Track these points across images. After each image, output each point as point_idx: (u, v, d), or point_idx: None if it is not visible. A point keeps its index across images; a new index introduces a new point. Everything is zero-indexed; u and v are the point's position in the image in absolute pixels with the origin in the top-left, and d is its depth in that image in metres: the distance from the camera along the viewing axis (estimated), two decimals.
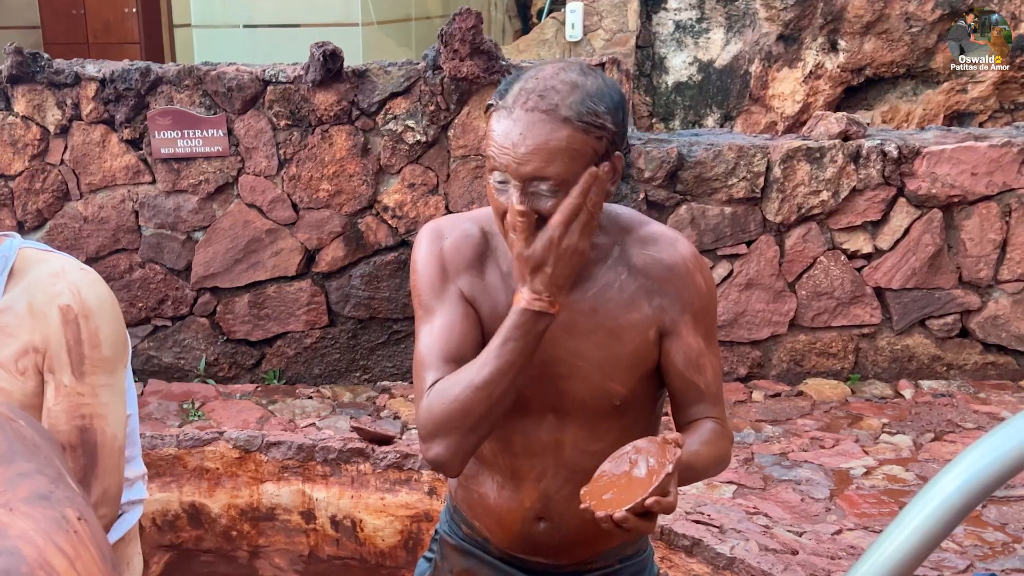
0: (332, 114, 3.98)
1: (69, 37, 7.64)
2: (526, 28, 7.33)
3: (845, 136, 4.05)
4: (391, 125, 3.99)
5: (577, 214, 1.36)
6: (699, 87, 6.27)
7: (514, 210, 1.38)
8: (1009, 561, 2.80)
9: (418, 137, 3.99)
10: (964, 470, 1.24)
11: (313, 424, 3.77)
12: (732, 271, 4.11)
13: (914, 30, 5.78)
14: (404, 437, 3.52)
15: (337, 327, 4.22)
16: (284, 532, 3.35)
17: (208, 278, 4.17)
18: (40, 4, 7.86)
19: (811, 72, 5.98)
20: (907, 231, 4.07)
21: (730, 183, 4.01)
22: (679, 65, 6.29)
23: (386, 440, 3.35)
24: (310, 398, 4.08)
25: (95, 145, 4.06)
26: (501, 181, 1.40)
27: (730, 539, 2.77)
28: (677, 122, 6.29)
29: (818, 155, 4.00)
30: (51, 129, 4.05)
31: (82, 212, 4.12)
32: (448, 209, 4.06)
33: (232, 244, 4.13)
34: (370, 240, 4.12)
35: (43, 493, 0.65)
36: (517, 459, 1.58)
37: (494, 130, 1.39)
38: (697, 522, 2.86)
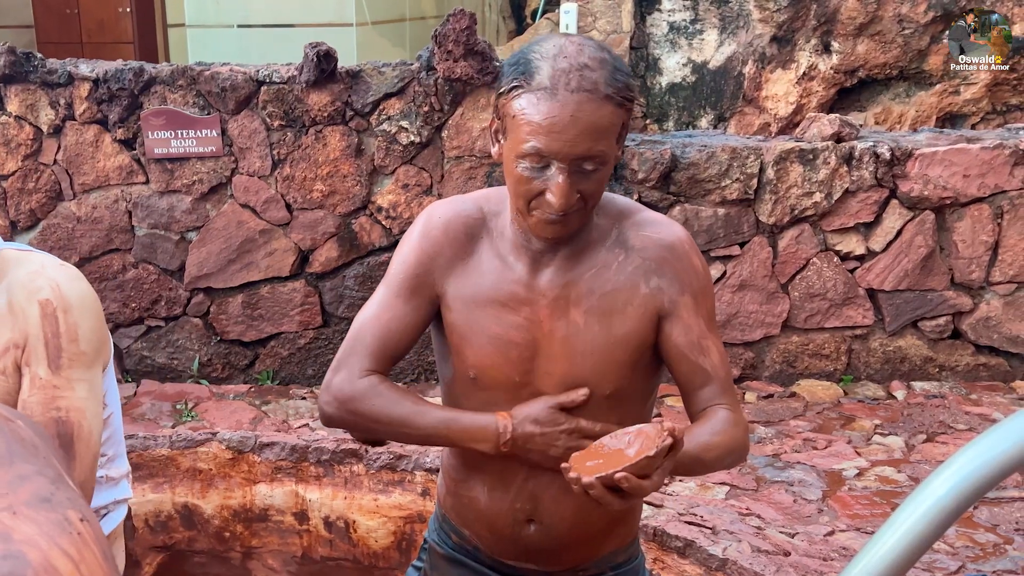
0: (326, 115, 3.98)
1: (63, 36, 7.63)
2: (520, 29, 7.34)
3: (838, 138, 4.06)
4: (385, 126, 3.99)
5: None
6: (693, 88, 6.28)
7: (562, 191, 1.37)
8: (1000, 562, 2.81)
9: (412, 138, 4.00)
10: (955, 472, 1.25)
11: (307, 425, 3.77)
12: (725, 272, 4.12)
13: (907, 32, 5.80)
14: None
15: (331, 328, 4.22)
16: (277, 533, 3.35)
17: (201, 278, 4.16)
18: (34, 3, 7.85)
19: (804, 73, 5.99)
20: (899, 233, 4.08)
21: (723, 184, 4.02)
22: (673, 66, 6.30)
23: (379, 441, 3.34)
24: (304, 399, 4.07)
25: (88, 145, 4.05)
26: (539, 166, 1.39)
27: (723, 540, 2.77)
28: (671, 123, 6.30)
29: (811, 157, 4.02)
30: (44, 129, 4.05)
31: (75, 212, 4.11)
32: None
33: (226, 244, 4.12)
34: (364, 241, 4.12)
35: (44, 496, 0.65)
36: (506, 455, 1.57)
37: (534, 114, 1.36)
38: (690, 523, 2.87)
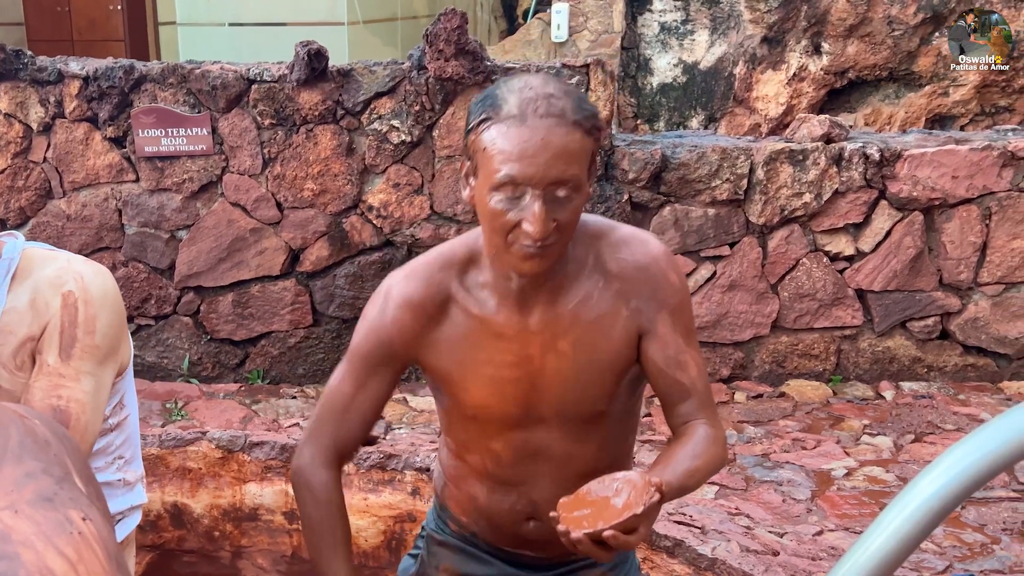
0: (317, 113, 3.98)
1: (53, 34, 7.61)
2: (512, 28, 7.35)
3: (828, 139, 4.08)
4: (376, 125, 3.99)
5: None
6: (683, 89, 6.29)
7: (538, 218, 1.37)
8: (988, 562, 2.83)
9: (403, 137, 4.00)
10: (943, 472, 1.26)
11: (297, 424, 3.77)
12: (715, 272, 4.13)
13: (896, 33, 5.82)
14: (387, 437, 3.52)
15: (321, 327, 4.22)
16: (267, 532, 3.34)
17: (192, 277, 4.16)
18: (24, 1, 7.82)
19: (795, 74, 6.01)
20: (888, 233, 4.10)
21: (713, 185, 4.03)
22: (664, 66, 6.31)
23: (369, 440, 3.34)
24: (294, 398, 4.07)
25: (78, 143, 4.04)
26: (511, 195, 1.38)
27: (712, 540, 2.78)
28: (662, 123, 6.31)
29: (801, 157, 4.03)
30: (34, 127, 4.04)
31: (65, 210, 4.10)
32: (433, 209, 4.07)
33: (216, 243, 4.12)
34: (355, 240, 4.12)
35: (47, 495, 0.65)
36: (505, 469, 1.61)
37: (505, 142, 1.37)
38: (679, 523, 2.88)
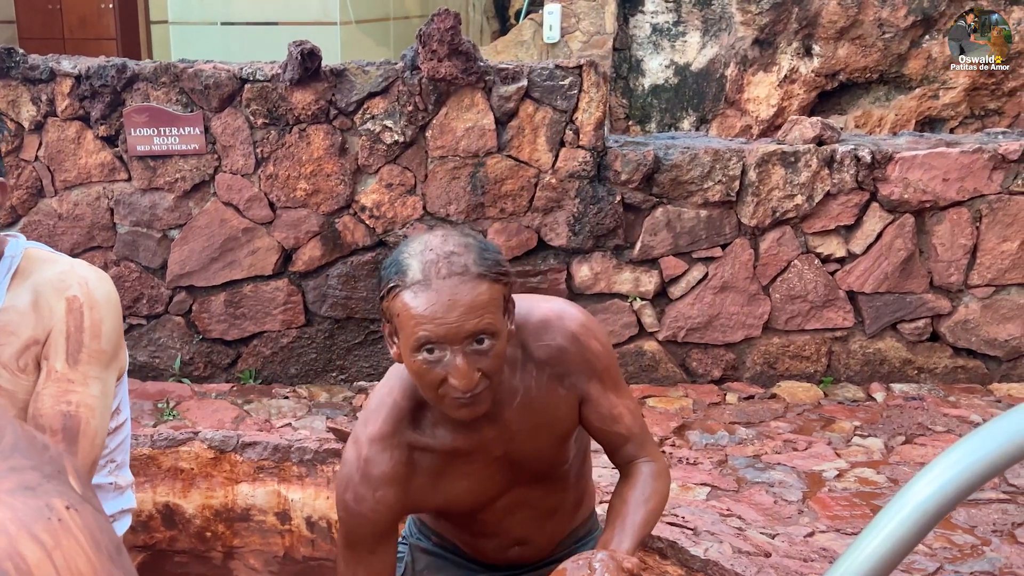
0: (310, 113, 3.97)
1: (45, 32, 7.58)
2: (504, 29, 7.35)
3: (819, 141, 4.09)
4: (369, 125, 3.99)
5: None
6: (675, 90, 6.30)
7: (462, 373, 1.40)
8: (978, 564, 2.84)
9: (396, 137, 4.00)
10: (938, 476, 1.27)
11: (289, 424, 3.77)
12: (707, 274, 4.14)
13: (887, 36, 5.84)
14: None
15: (314, 327, 4.21)
16: (259, 533, 3.34)
17: (184, 276, 4.15)
18: None
19: (786, 76, 6.03)
20: (880, 235, 4.12)
21: (706, 186, 4.04)
22: (655, 68, 6.32)
23: None
24: (286, 398, 4.07)
25: (70, 142, 4.03)
26: (432, 354, 1.41)
27: (704, 541, 2.79)
28: (653, 124, 6.32)
29: (793, 159, 4.04)
30: (26, 125, 4.02)
31: (56, 209, 4.09)
32: (425, 210, 4.07)
33: (208, 243, 4.11)
34: (347, 240, 4.12)
35: (30, 485, 0.62)
36: (487, 533, 1.75)
37: (415, 307, 1.40)
38: (671, 524, 2.89)
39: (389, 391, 1.60)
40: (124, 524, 1.78)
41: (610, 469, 2.74)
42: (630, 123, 6.36)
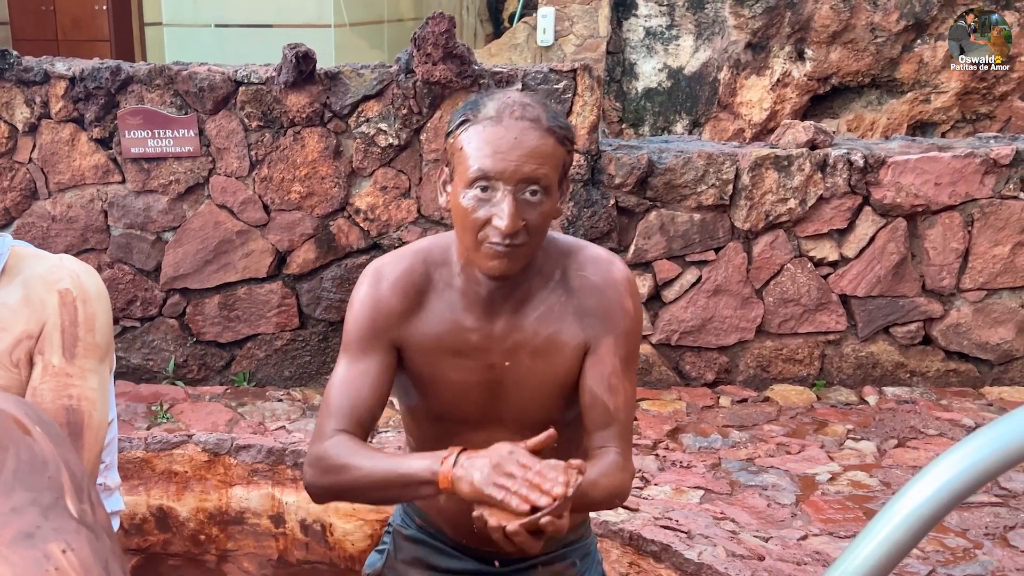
0: (304, 116, 3.98)
1: (38, 33, 7.57)
2: (498, 32, 7.36)
3: (812, 145, 4.11)
4: (363, 128, 4.00)
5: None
6: (668, 93, 6.32)
7: (508, 213, 1.42)
8: (970, 567, 2.86)
9: (390, 140, 4.00)
10: (933, 481, 1.28)
11: (283, 427, 3.77)
12: (700, 277, 4.15)
13: (879, 40, 5.87)
14: (375, 441, 3.52)
15: (308, 329, 4.22)
16: (253, 536, 3.34)
17: (178, 279, 4.15)
18: (9, 0, 7.77)
19: (778, 80, 6.05)
20: (872, 239, 4.14)
21: (699, 190, 4.06)
22: (649, 71, 6.33)
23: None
24: (280, 400, 4.07)
25: (64, 144, 4.03)
26: (485, 192, 1.45)
27: (698, 545, 2.80)
28: (646, 128, 6.34)
29: (786, 163, 4.06)
30: (19, 127, 4.02)
31: (50, 211, 4.09)
32: (420, 213, 4.07)
33: (202, 245, 4.11)
34: (342, 242, 4.12)
35: (29, 531, 0.64)
36: None
37: (479, 139, 1.45)
38: (665, 527, 2.90)
39: (425, 240, 1.65)
40: (113, 526, 1.78)
41: None
42: (623, 126, 6.37)
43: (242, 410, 3.95)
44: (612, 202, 4.04)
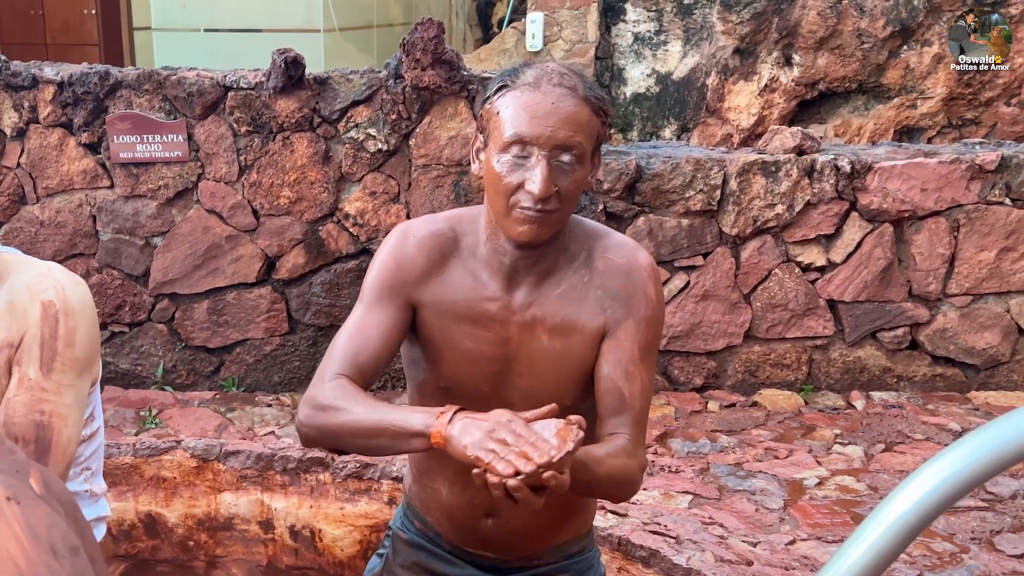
0: (293, 121, 3.98)
1: (27, 38, 7.54)
2: (487, 37, 7.37)
3: (800, 150, 4.13)
4: (353, 133, 4.00)
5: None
6: (657, 99, 6.34)
7: (541, 177, 1.43)
8: (957, 572, 2.88)
9: (380, 146, 4.01)
10: (920, 486, 1.29)
11: (272, 432, 3.77)
12: (688, 282, 4.17)
13: (866, 46, 5.90)
14: None
15: (297, 334, 4.21)
16: (242, 542, 3.33)
17: (167, 284, 4.14)
18: None
19: (766, 85, 6.08)
20: (859, 245, 4.16)
21: (687, 195, 4.07)
22: (637, 76, 6.35)
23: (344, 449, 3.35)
24: (269, 406, 4.06)
25: (52, 149, 4.02)
26: (521, 155, 1.46)
27: (686, 550, 2.81)
28: (635, 133, 6.36)
29: (773, 169, 4.08)
30: (8, 132, 4.01)
31: (39, 216, 4.07)
32: (409, 218, 4.08)
33: (191, 250, 4.11)
34: (331, 248, 4.12)
35: None
36: (461, 480, 1.63)
37: (516, 105, 1.47)
38: (654, 532, 2.91)
39: (453, 211, 1.67)
40: (99, 532, 1.77)
41: None
42: (612, 131, 6.39)
43: (231, 415, 3.95)
44: (600, 207, 4.05)
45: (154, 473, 3.35)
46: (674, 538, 2.87)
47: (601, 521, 2.93)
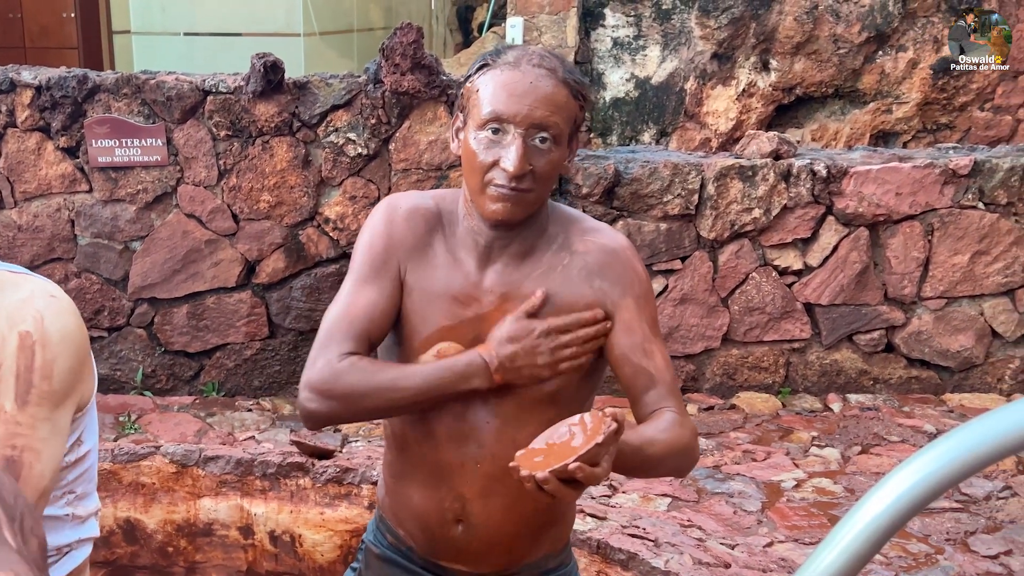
0: (273, 125, 3.98)
1: (5, 41, 7.48)
2: (467, 42, 7.38)
3: (776, 155, 4.17)
4: (332, 137, 4.01)
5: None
6: (636, 103, 6.37)
7: (516, 155, 1.45)
8: (932, 572, 2.91)
9: (359, 150, 4.01)
10: (894, 489, 1.31)
11: (252, 437, 3.76)
12: (667, 286, 4.20)
13: (842, 51, 5.95)
14: (344, 451, 3.53)
15: (277, 339, 4.21)
16: (222, 548, 3.33)
17: (146, 288, 4.13)
18: None
19: (744, 90, 6.12)
20: (835, 248, 4.20)
21: (665, 200, 4.10)
22: (616, 81, 6.38)
23: (326, 454, 3.36)
24: (250, 411, 4.06)
25: (30, 153, 4.00)
26: (495, 134, 1.48)
27: (665, 553, 2.83)
28: (614, 137, 6.38)
29: (750, 173, 4.11)
30: None
31: (16, 220, 4.06)
32: None
33: (170, 254, 4.10)
34: (311, 252, 4.12)
35: None
36: (440, 448, 1.61)
37: (495, 83, 1.49)
38: (633, 536, 2.93)
39: (435, 192, 1.69)
40: (83, 553, 1.75)
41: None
42: (592, 136, 6.42)
43: (211, 420, 3.94)
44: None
45: (133, 479, 3.34)
46: (652, 541, 2.90)
47: (580, 524, 2.94)
